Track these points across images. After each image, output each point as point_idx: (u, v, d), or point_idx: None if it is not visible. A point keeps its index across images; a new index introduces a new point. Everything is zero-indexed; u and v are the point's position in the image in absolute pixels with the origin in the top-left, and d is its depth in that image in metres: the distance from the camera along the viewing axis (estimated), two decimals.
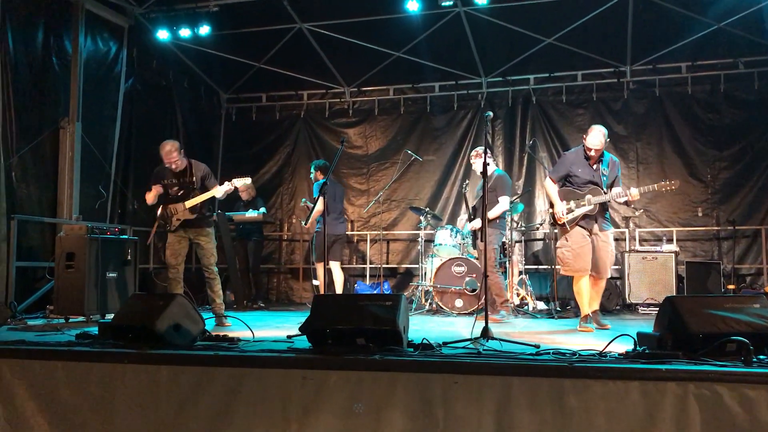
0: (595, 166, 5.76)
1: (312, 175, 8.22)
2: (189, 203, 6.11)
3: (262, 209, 8.95)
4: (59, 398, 3.69)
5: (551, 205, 5.98)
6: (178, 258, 6.21)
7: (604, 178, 5.73)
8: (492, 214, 6.79)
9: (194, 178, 6.19)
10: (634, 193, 5.57)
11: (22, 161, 7.21)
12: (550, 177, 6.03)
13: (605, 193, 5.71)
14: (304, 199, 9.21)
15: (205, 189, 6.19)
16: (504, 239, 7.41)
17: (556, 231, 6.18)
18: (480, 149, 7.01)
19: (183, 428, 3.51)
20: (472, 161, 7.17)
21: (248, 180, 6.52)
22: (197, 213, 6.16)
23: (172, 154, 6.05)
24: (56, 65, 7.75)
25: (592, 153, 5.68)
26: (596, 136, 5.66)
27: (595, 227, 5.73)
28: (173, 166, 6.12)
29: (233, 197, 9.65)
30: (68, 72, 7.82)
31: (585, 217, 5.71)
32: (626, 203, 5.83)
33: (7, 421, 3.76)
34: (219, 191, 6.13)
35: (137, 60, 9.05)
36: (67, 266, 6.35)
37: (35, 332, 5.17)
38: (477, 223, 6.95)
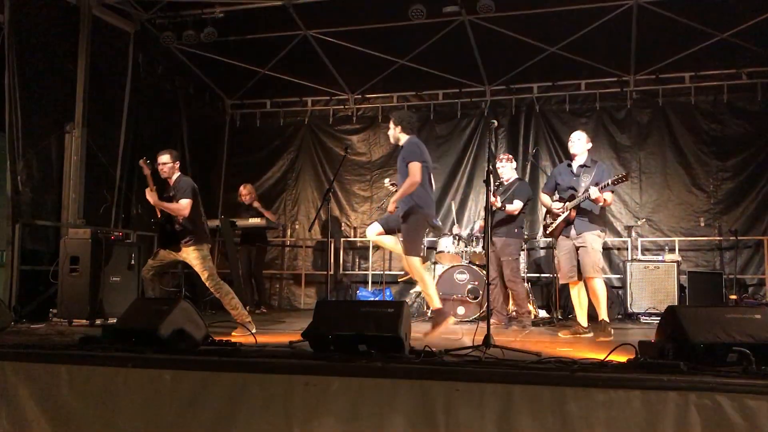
0: (576, 173, 5.99)
1: (393, 131, 5.82)
2: (158, 202, 5.82)
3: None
4: (62, 401, 3.71)
5: (548, 215, 6.26)
6: (149, 272, 5.90)
7: (582, 185, 5.87)
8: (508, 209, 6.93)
9: (173, 192, 5.94)
10: (592, 191, 5.67)
11: (28, 165, 7.24)
12: (542, 191, 6.48)
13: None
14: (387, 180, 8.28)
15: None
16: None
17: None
18: (505, 154, 7.21)
19: None
20: (500, 165, 7.20)
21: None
22: (170, 222, 5.86)
23: (158, 158, 5.95)
24: (63, 70, 7.78)
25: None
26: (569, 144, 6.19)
27: (572, 232, 5.92)
28: (162, 175, 5.95)
29: (235, 202, 9.71)
30: (74, 77, 7.86)
31: (567, 224, 5.93)
32: (594, 201, 5.76)
33: (10, 423, 3.77)
34: (174, 207, 5.83)
35: (143, 65, 9.09)
36: (71, 270, 6.39)
37: (39, 335, 5.19)
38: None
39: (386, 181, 6.36)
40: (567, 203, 5.91)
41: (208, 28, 8.39)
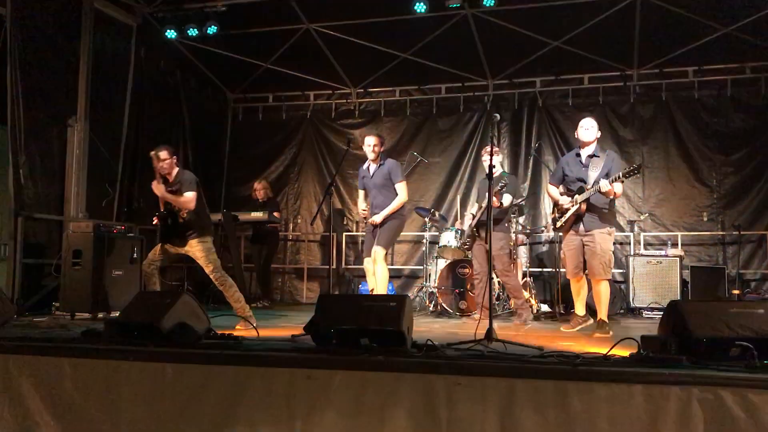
0: (584, 163, 5.71)
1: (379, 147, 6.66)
2: (165, 194, 5.70)
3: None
4: (65, 394, 3.72)
5: (555, 208, 5.99)
6: (150, 266, 5.79)
7: (592, 176, 5.61)
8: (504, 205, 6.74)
9: (176, 186, 5.77)
10: (603, 184, 5.37)
11: (30, 159, 7.24)
12: (549, 182, 6.13)
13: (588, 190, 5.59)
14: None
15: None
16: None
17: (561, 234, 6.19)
18: (488, 148, 7.01)
19: (188, 426, 3.52)
20: (485, 159, 7.02)
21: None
22: (174, 216, 5.76)
23: (158, 155, 5.77)
24: (65, 63, 7.77)
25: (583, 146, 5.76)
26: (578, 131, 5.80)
27: (581, 228, 5.66)
28: (162, 171, 5.79)
29: (237, 196, 9.71)
30: (76, 70, 7.85)
31: (576, 218, 5.68)
32: (605, 194, 5.46)
33: (13, 416, 3.78)
34: (180, 200, 5.71)
35: (145, 59, 9.07)
36: (74, 264, 6.39)
37: (41, 329, 5.20)
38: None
39: (362, 206, 6.77)
40: (576, 196, 5.67)
41: (210, 21, 8.37)
